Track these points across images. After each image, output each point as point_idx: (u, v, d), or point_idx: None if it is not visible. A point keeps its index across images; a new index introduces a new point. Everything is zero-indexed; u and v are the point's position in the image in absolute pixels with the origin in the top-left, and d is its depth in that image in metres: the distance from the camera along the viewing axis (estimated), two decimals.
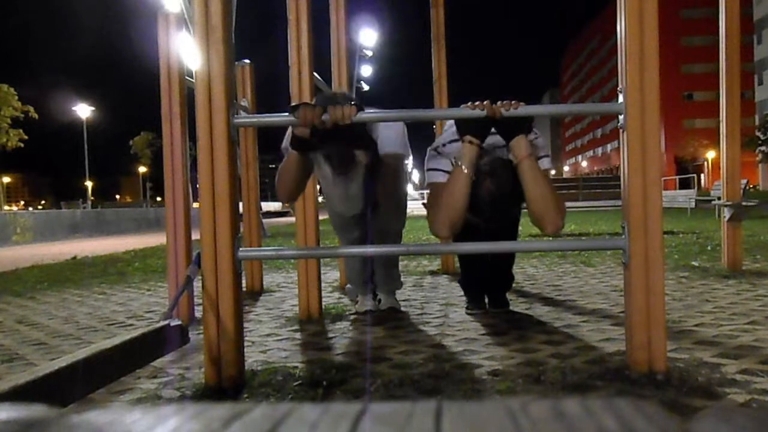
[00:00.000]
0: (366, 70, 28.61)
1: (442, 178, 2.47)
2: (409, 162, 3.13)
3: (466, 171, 2.22)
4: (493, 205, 2.28)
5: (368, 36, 25.99)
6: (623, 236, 1.92)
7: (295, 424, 0.32)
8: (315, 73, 3.10)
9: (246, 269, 4.03)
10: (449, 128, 2.68)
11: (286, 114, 2.08)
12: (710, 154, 50.65)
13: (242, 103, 4.02)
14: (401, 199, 3.09)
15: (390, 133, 2.73)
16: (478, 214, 2.35)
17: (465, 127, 2.23)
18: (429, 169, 2.61)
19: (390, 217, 2.97)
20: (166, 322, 2.09)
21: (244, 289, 3.95)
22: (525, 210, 2.42)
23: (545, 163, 2.44)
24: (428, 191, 2.64)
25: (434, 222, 2.32)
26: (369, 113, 2.14)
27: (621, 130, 1.93)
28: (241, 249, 2.00)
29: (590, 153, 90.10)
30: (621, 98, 1.91)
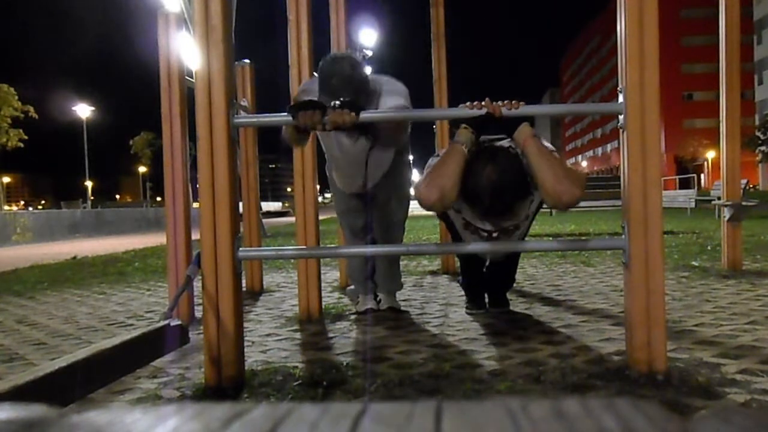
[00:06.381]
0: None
1: None
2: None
3: (461, 145, 2.15)
4: (493, 192, 2.19)
5: (368, 36, 25.98)
6: (623, 236, 1.92)
7: (295, 424, 0.32)
8: (315, 73, 3.09)
9: (246, 269, 4.03)
10: None
11: (286, 114, 2.08)
12: (710, 154, 50.62)
13: (242, 103, 4.02)
14: (404, 184, 3.09)
15: (395, 87, 2.76)
16: (478, 201, 2.28)
17: (460, 122, 2.21)
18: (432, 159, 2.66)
19: (392, 203, 3.00)
20: (166, 322, 2.09)
21: (244, 289, 3.95)
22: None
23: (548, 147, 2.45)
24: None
25: (423, 184, 2.16)
26: (369, 113, 2.13)
27: (621, 130, 1.93)
28: (241, 249, 2.00)
29: (590, 153, 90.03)
30: (621, 98, 1.91)
